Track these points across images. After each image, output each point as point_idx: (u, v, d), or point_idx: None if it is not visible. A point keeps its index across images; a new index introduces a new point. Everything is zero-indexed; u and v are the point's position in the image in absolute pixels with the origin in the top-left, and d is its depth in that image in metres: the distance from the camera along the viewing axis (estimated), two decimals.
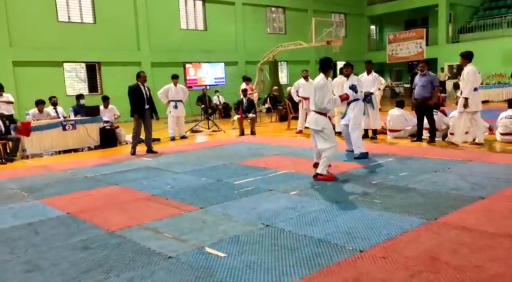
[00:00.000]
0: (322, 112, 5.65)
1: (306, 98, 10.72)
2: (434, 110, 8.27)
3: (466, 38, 23.63)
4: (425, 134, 8.33)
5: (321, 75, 5.69)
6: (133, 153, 8.59)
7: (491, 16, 23.55)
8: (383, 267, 2.86)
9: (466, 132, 8.04)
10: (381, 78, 9.89)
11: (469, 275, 2.68)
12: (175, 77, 11.06)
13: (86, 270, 3.08)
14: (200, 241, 3.54)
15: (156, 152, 8.79)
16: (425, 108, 8.02)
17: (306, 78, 10.90)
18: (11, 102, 9.33)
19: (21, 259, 3.38)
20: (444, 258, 2.95)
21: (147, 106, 8.64)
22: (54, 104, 10.25)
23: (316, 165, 5.87)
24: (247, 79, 14.12)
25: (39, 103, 9.73)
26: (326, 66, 5.77)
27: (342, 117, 7.48)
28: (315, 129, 5.69)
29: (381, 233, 3.50)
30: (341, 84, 9.17)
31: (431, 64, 8.51)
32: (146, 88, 8.70)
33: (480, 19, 23.90)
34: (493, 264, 2.82)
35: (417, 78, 8.23)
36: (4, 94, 9.96)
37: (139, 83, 8.59)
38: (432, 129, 8.10)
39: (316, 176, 5.59)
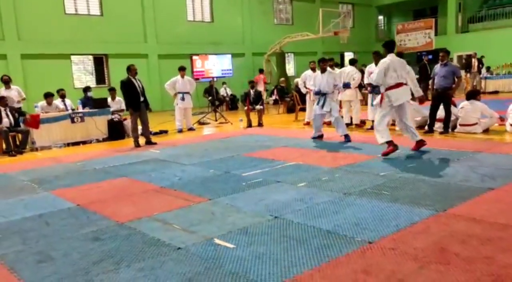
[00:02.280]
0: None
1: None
2: None
3: (475, 27, 23.32)
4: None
5: (391, 54, 6.31)
6: (137, 145, 8.66)
7: (502, 5, 23.18)
8: (392, 259, 2.86)
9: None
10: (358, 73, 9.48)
11: (479, 266, 2.67)
12: (182, 69, 11.05)
13: (97, 261, 3.11)
14: (209, 232, 3.56)
15: (155, 143, 8.86)
16: (445, 99, 7.94)
17: (313, 69, 10.82)
18: (23, 98, 9.54)
19: (33, 249, 3.43)
20: (453, 250, 2.94)
21: (141, 99, 8.68)
22: (63, 97, 10.31)
23: (390, 145, 6.27)
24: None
25: (48, 96, 9.79)
26: (393, 47, 6.44)
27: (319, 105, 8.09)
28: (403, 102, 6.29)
29: (390, 224, 3.49)
30: (351, 73, 9.33)
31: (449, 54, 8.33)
32: (138, 81, 8.72)
33: (490, 8, 23.55)
34: (504, 255, 2.81)
35: (438, 68, 8.11)
36: (12, 86, 10.04)
37: (130, 76, 8.61)
38: (447, 120, 8.03)
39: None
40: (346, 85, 8.96)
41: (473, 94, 8.40)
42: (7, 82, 9.88)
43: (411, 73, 6.86)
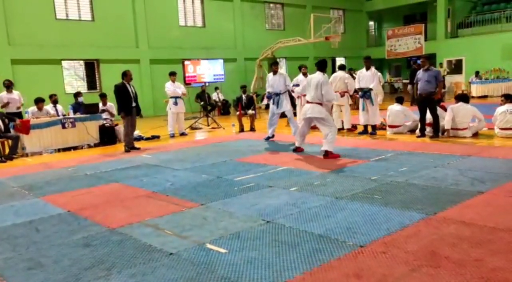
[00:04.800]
0: (320, 103, 6.78)
1: (305, 95, 10.72)
2: None
3: (464, 33, 23.61)
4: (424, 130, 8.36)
5: (320, 73, 6.86)
6: (128, 150, 8.70)
7: (490, 11, 23.52)
8: (383, 262, 2.88)
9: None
10: (379, 74, 10.07)
11: (469, 269, 2.70)
12: (172, 74, 11.07)
13: (88, 267, 3.09)
14: (201, 237, 3.55)
15: (138, 148, 8.88)
16: (430, 103, 8.03)
17: (305, 74, 10.88)
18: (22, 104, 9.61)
19: (23, 256, 3.39)
20: (444, 253, 2.97)
21: (133, 104, 8.78)
22: (55, 102, 10.25)
23: (297, 149, 7.34)
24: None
25: (39, 102, 9.73)
26: (325, 66, 7.00)
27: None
28: (318, 117, 6.75)
29: (381, 228, 3.51)
30: (342, 78, 9.43)
31: (431, 59, 8.68)
32: (132, 87, 8.78)
33: (479, 14, 23.87)
34: (493, 258, 2.84)
35: (420, 74, 8.23)
36: (14, 91, 9.97)
37: (124, 82, 8.68)
38: (436, 125, 8.10)
39: (327, 155, 6.65)
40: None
41: (464, 97, 8.45)
42: (8, 86, 9.81)
43: (325, 96, 6.75)
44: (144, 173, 6.45)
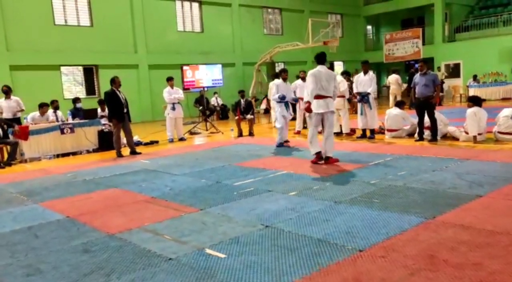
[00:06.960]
0: (331, 97, 6.63)
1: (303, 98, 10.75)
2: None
3: (462, 37, 23.71)
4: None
5: (324, 66, 6.71)
6: (120, 155, 8.75)
7: (487, 15, 23.64)
8: (382, 266, 2.88)
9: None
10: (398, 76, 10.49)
11: (468, 273, 2.70)
12: (170, 79, 11.07)
13: (87, 273, 3.08)
14: (200, 242, 3.55)
15: (139, 153, 8.92)
16: (428, 107, 8.06)
17: (303, 79, 10.92)
18: (22, 110, 9.62)
19: (22, 263, 3.39)
20: (442, 256, 2.97)
21: (125, 110, 8.81)
22: (56, 108, 10.28)
23: (317, 156, 6.70)
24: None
25: (43, 106, 9.76)
26: (325, 58, 6.80)
27: None
28: (333, 111, 6.65)
29: (380, 232, 3.51)
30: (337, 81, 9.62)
31: (428, 63, 8.70)
32: (122, 93, 8.86)
33: (476, 18, 23.99)
34: (492, 262, 2.84)
35: (418, 78, 8.26)
36: (12, 97, 9.97)
37: (114, 88, 8.71)
38: (434, 128, 8.12)
39: (326, 159, 6.60)
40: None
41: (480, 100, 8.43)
42: (7, 92, 9.81)
43: (338, 88, 7.02)
44: (143, 178, 6.44)
